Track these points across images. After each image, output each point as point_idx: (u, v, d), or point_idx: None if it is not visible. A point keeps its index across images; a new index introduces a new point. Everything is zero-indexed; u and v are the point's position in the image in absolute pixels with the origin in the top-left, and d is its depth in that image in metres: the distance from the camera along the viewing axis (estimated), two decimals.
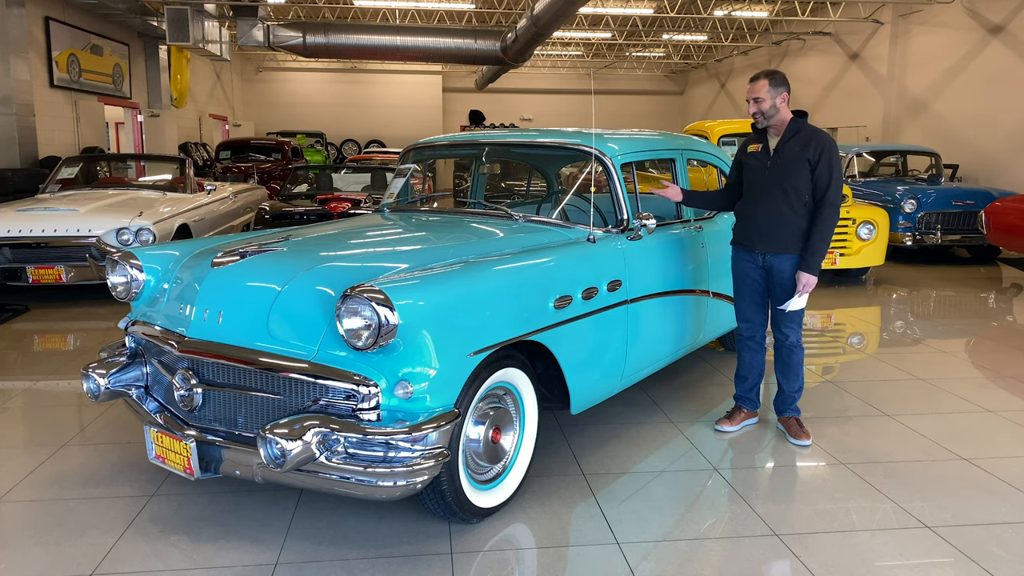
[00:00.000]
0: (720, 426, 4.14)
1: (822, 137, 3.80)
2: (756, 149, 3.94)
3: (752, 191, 3.93)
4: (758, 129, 3.96)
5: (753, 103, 3.85)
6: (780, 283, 3.89)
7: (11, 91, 12.33)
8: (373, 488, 2.60)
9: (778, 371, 4.08)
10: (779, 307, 3.92)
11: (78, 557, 2.83)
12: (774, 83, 3.81)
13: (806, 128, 3.83)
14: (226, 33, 17.52)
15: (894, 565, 2.83)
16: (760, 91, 3.82)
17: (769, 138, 3.91)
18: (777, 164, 3.82)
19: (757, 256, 3.93)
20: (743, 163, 4.01)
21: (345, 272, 3.02)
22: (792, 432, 4.03)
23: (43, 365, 5.33)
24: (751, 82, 3.89)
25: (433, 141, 4.72)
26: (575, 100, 30.55)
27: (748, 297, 4.06)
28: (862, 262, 8.21)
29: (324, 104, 29.03)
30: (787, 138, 3.83)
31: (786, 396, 4.08)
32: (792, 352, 3.99)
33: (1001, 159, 13.03)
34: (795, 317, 3.93)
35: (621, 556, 2.87)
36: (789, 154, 3.79)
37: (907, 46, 16.05)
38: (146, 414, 3.18)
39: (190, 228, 7.76)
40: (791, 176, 3.78)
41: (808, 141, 3.77)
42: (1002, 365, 5.45)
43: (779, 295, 3.91)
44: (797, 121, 3.85)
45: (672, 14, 18.51)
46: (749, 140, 4.03)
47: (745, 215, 3.99)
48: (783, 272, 3.86)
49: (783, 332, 3.97)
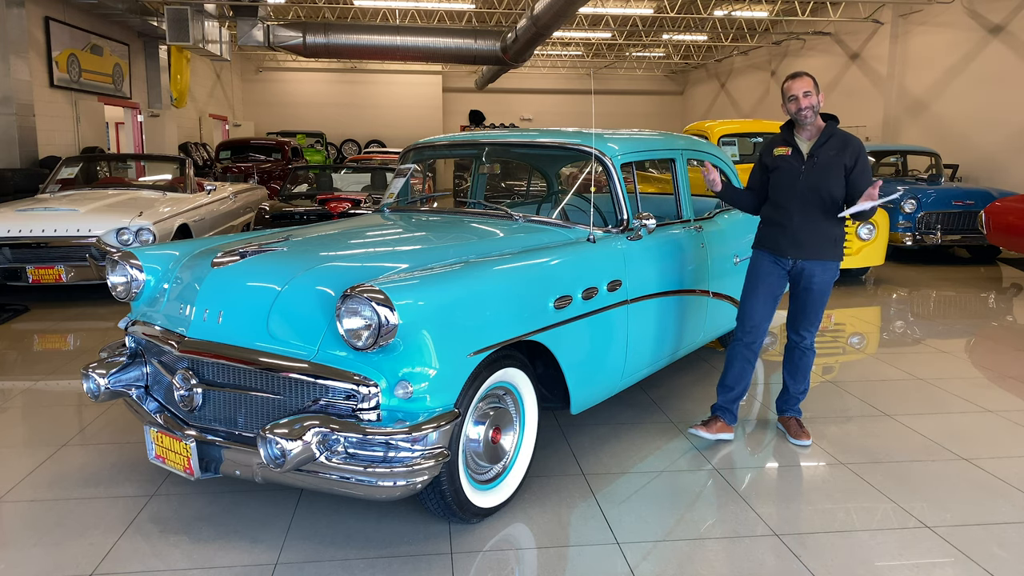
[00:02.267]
0: (696, 430, 4.02)
1: (855, 142, 3.73)
2: (785, 152, 3.81)
3: (783, 196, 3.80)
4: (785, 130, 3.86)
5: (804, 97, 3.68)
6: (808, 288, 3.82)
7: (11, 91, 12.33)
8: (373, 488, 2.60)
9: (786, 371, 4.04)
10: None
11: (78, 557, 2.83)
12: (815, 81, 3.73)
13: (839, 133, 3.74)
14: (226, 33, 17.51)
15: (894, 565, 2.83)
16: (810, 85, 3.70)
17: (799, 142, 3.79)
18: (813, 169, 3.71)
19: (787, 262, 3.83)
20: (769, 167, 3.88)
21: (345, 272, 3.02)
22: (792, 432, 4.01)
23: (43, 365, 5.33)
24: (793, 79, 3.74)
25: (433, 141, 4.72)
26: (575, 100, 30.55)
27: (762, 299, 3.92)
28: (862, 262, 8.21)
29: (324, 104, 29.03)
30: (822, 142, 3.72)
31: (790, 396, 4.06)
32: (804, 354, 3.96)
33: (1001, 159, 13.03)
34: (814, 320, 3.90)
35: (621, 556, 2.87)
36: (825, 159, 3.69)
37: (907, 46, 16.05)
38: (146, 414, 3.18)
39: (190, 228, 7.75)
40: (828, 182, 3.69)
41: (844, 146, 3.69)
42: (1002, 365, 5.45)
43: (805, 300, 3.86)
44: (831, 125, 3.77)
45: (672, 14, 18.51)
46: (774, 142, 3.90)
47: (775, 221, 3.85)
48: (813, 277, 3.80)
49: (800, 334, 3.93)
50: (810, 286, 3.82)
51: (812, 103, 3.68)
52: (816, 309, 3.89)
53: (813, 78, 3.74)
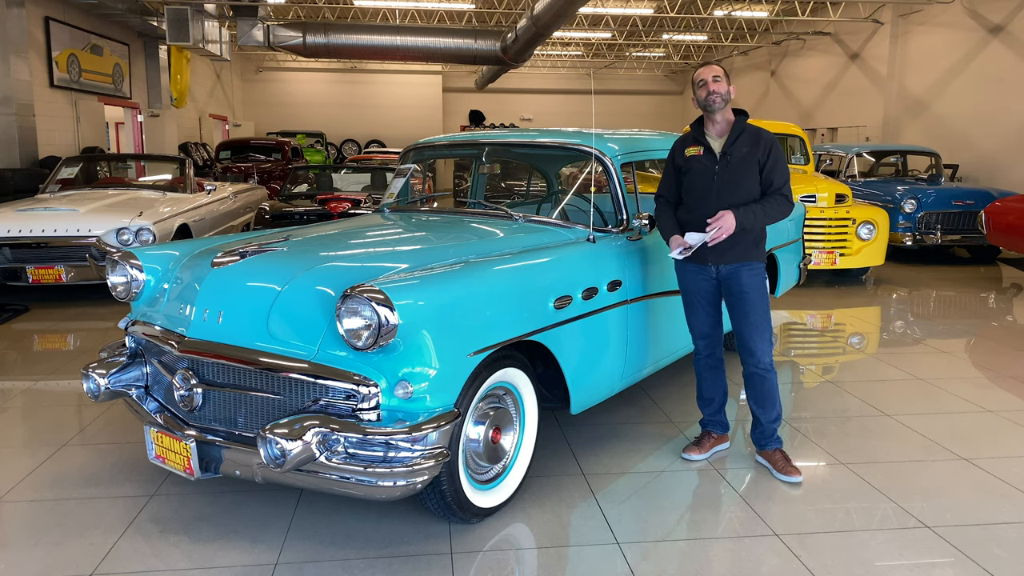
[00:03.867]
0: (688, 454, 3.75)
1: (767, 135, 3.51)
2: (697, 152, 3.53)
3: (698, 199, 3.51)
4: (695, 128, 3.60)
5: (713, 82, 3.43)
6: (740, 294, 3.50)
7: (11, 91, 12.32)
8: (373, 488, 2.60)
9: (751, 401, 3.61)
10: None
11: (78, 557, 2.83)
12: (727, 74, 3.52)
13: (749, 128, 3.51)
14: (226, 33, 17.52)
15: (894, 565, 2.83)
16: (718, 71, 3.47)
17: (710, 140, 3.53)
18: (726, 168, 3.46)
19: (710, 268, 3.54)
20: (682, 169, 3.59)
21: (345, 272, 3.02)
22: (779, 467, 3.56)
23: (43, 365, 5.33)
24: (703, 66, 3.53)
25: (433, 141, 4.72)
26: (575, 100, 30.55)
27: (702, 311, 3.65)
28: (862, 262, 8.21)
29: (324, 104, 29.03)
30: (733, 139, 3.48)
31: (764, 428, 3.62)
32: (765, 378, 3.53)
33: (1001, 159, 13.03)
34: (762, 330, 3.50)
35: (621, 556, 2.87)
36: (739, 156, 3.45)
37: (907, 46, 16.05)
38: (146, 414, 3.18)
39: (190, 228, 7.75)
40: (743, 180, 3.45)
41: (756, 141, 3.46)
42: (1002, 365, 5.45)
43: (740, 308, 3.50)
44: (741, 120, 3.53)
45: (672, 14, 18.51)
46: (684, 143, 3.62)
47: (691, 226, 3.50)
48: (741, 282, 3.49)
49: (753, 354, 3.51)
50: (742, 290, 3.50)
51: (721, 90, 3.44)
52: (758, 316, 3.49)
53: (725, 70, 3.53)
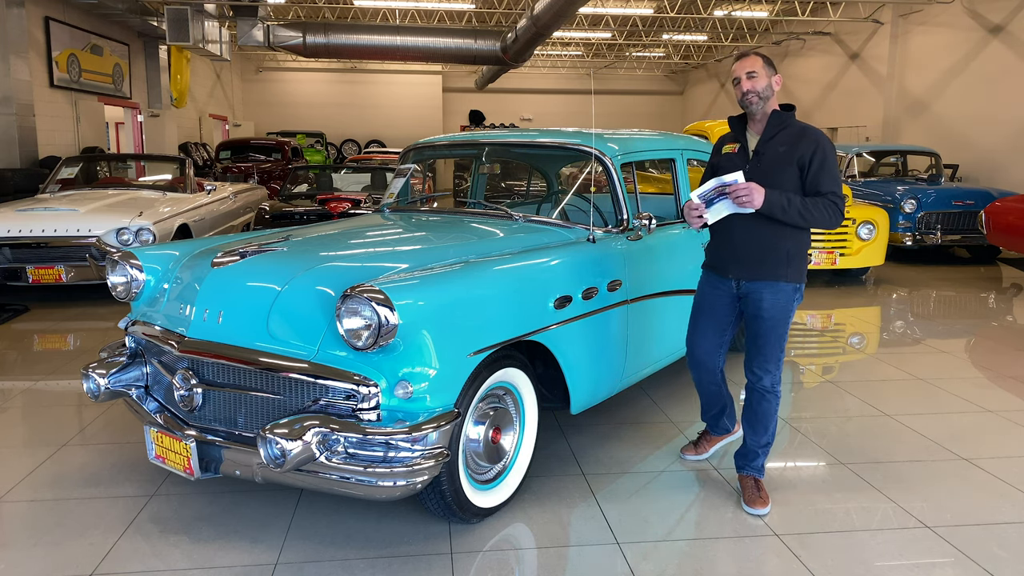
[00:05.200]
0: (686, 455, 3.70)
1: (814, 133, 3.06)
2: (732, 150, 3.20)
3: None
4: (736, 126, 3.24)
5: (747, 79, 3.05)
6: (757, 315, 3.13)
7: (11, 91, 12.32)
8: (373, 488, 2.60)
9: (744, 419, 3.33)
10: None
11: (78, 557, 2.83)
12: (767, 61, 3.10)
13: (793, 123, 3.09)
14: (226, 33, 17.51)
15: (894, 565, 2.83)
16: (756, 65, 3.05)
17: (749, 136, 3.18)
18: (757, 167, 3.07)
19: (730, 283, 3.20)
20: (715, 167, 3.26)
21: (345, 272, 3.02)
22: (747, 496, 3.24)
23: (43, 365, 5.33)
24: (740, 58, 3.12)
25: (433, 141, 4.72)
26: (575, 100, 30.54)
27: (704, 330, 3.34)
28: (862, 262, 8.21)
29: (324, 104, 29.02)
30: (770, 135, 3.09)
31: (748, 451, 3.31)
32: (764, 398, 3.21)
33: (1001, 159, 13.03)
34: (769, 356, 3.16)
35: (621, 556, 2.87)
36: (772, 155, 3.06)
37: (907, 46, 16.05)
38: (146, 414, 3.18)
39: (190, 228, 7.75)
40: (775, 182, 3.01)
41: (797, 139, 3.04)
42: (1002, 365, 5.45)
43: (755, 330, 3.17)
44: (780, 114, 3.11)
45: (672, 14, 18.51)
46: (725, 139, 3.30)
47: (716, 233, 3.24)
48: (761, 302, 3.12)
49: (755, 372, 3.20)
50: (759, 313, 3.13)
51: (758, 87, 3.04)
52: (769, 342, 3.14)
53: (765, 57, 3.10)
